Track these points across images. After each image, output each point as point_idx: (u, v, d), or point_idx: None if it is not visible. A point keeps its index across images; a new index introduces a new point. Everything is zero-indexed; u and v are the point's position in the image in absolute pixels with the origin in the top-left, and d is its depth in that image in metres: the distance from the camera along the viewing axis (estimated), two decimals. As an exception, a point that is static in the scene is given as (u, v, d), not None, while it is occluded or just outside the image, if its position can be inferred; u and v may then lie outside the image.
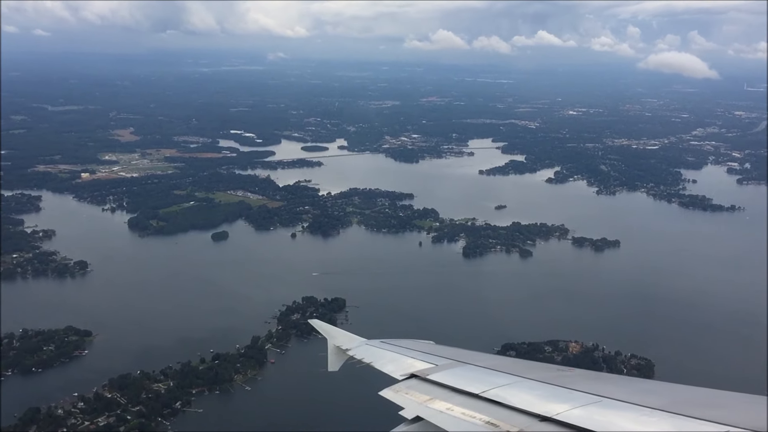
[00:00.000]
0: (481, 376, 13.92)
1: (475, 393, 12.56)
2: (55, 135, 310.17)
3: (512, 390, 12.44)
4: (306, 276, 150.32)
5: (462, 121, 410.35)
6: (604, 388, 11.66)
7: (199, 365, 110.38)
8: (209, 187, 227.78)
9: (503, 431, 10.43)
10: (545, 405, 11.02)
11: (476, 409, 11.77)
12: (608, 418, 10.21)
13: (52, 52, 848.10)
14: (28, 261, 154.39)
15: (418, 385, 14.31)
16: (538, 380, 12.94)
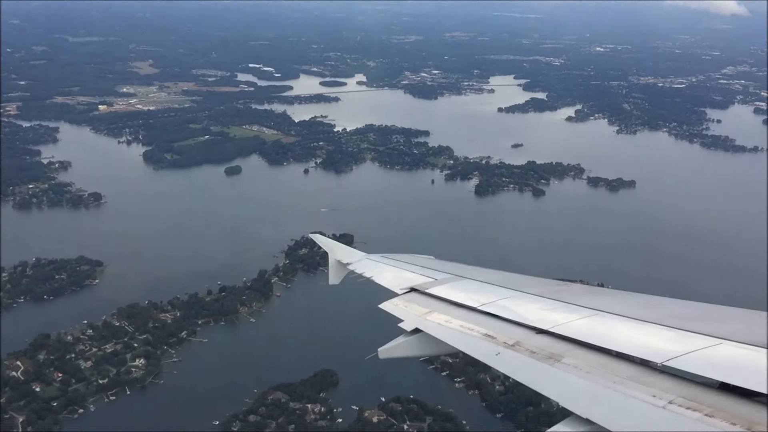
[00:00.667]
0: (480, 290, 13.95)
1: (474, 306, 12.57)
2: (74, 67, 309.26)
3: (510, 303, 12.46)
4: (316, 211, 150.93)
5: (485, 57, 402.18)
6: (602, 302, 11.64)
7: (206, 297, 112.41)
8: (225, 121, 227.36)
9: (501, 343, 10.48)
10: (542, 318, 11.06)
11: (474, 322, 11.79)
12: (604, 330, 10.21)
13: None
14: (44, 191, 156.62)
15: (417, 298, 14.34)
16: (537, 294, 12.91)
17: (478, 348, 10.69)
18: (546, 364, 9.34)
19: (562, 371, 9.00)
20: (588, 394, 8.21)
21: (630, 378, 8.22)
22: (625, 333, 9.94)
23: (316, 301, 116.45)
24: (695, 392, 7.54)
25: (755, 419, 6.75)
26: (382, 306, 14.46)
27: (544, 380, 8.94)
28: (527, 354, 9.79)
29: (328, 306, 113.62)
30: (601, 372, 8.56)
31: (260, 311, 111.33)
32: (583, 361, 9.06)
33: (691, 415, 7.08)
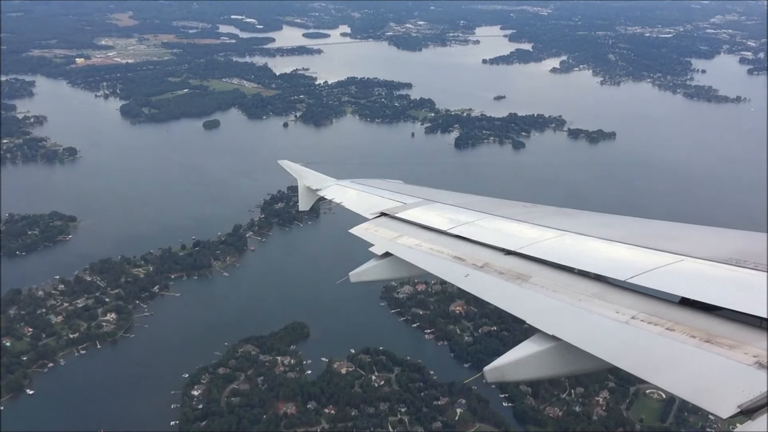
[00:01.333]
0: (449, 214, 14.04)
1: (443, 229, 12.68)
2: (51, 18, 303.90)
3: (479, 226, 12.59)
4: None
5: (472, 7, 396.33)
6: (568, 223, 11.79)
7: (180, 251, 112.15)
8: (205, 74, 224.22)
9: (470, 265, 10.61)
10: (510, 240, 11.17)
11: (444, 245, 11.90)
12: (570, 250, 10.34)
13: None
14: (18, 147, 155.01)
15: (387, 222, 14.43)
16: (505, 216, 13.05)
17: (448, 270, 10.85)
18: (514, 284, 9.49)
19: (529, 291, 9.15)
20: (554, 312, 8.37)
21: (595, 295, 8.40)
22: (590, 252, 10.11)
23: (290, 254, 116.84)
24: (657, 307, 7.72)
25: (714, 331, 6.92)
26: (352, 231, 14.54)
27: (512, 300, 9.12)
28: (496, 275, 9.96)
29: (301, 259, 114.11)
30: (567, 290, 8.75)
31: (234, 265, 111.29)
32: (549, 280, 9.25)
33: (652, 329, 7.27)
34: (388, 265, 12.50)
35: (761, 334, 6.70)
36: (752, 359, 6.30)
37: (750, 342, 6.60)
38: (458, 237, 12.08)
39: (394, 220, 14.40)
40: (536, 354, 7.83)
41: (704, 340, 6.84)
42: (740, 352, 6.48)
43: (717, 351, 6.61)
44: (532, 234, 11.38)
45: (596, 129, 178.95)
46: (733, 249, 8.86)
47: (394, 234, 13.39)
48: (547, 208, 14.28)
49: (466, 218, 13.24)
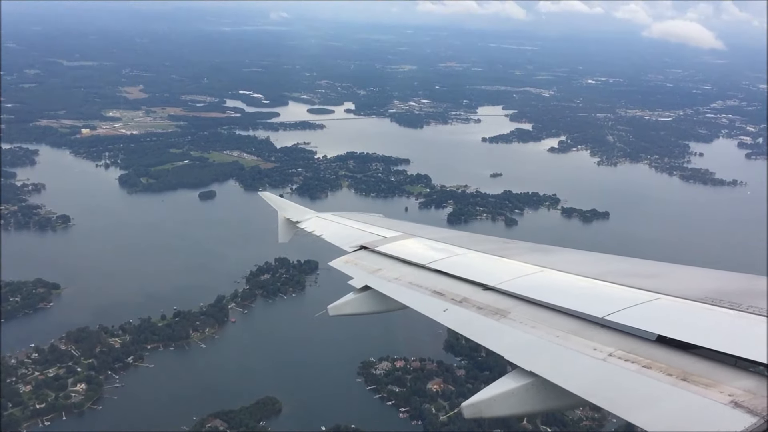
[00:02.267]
0: (429, 248, 14.34)
1: (423, 264, 12.87)
2: (63, 90, 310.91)
3: (458, 261, 12.77)
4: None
5: (476, 88, 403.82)
6: (546, 259, 11.99)
7: (159, 322, 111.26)
8: (206, 146, 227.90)
9: (449, 300, 10.75)
10: (489, 275, 11.35)
11: (423, 279, 12.07)
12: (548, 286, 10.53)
13: (77, 6, 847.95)
14: (13, 214, 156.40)
15: (367, 256, 14.64)
16: (484, 252, 13.29)
17: (427, 305, 10.97)
18: (492, 319, 9.63)
19: (507, 326, 9.27)
20: (532, 348, 8.45)
21: (572, 332, 8.51)
22: (567, 288, 10.29)
23: (270, 327, 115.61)
24: (634, 345, 7.83)
25: (690, 370, 7.00)
26: (332, 263, 14.74)
27: (490, 335, 9.24)
28: (474, 310, 10.11)
29: (281, 333, 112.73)
30: (545, 326, 8.85)
31: (212, 337, 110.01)
32: (528, 316, 9.36)
33: (629, 366, 7.36)
34: (367, 299, 12.55)
35: (737, 372, 6.81)
36: (728, 398, 6.34)
37: (726, 381, 6.66)
38: (438, 272, 12.25)
39: (373, 254, 14.59)
40: (514, 390, 7.80)
41: (681, 378, 6.90)
42: (716, 390, 6.53)
43: (693, 389, 6.66)
44: (511, 270, 11.56)
45: (590, 208, 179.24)
46: (709, 288, 9.05)
47: (374, 267, 13.53)
48: (526, 244, 14.40)
49: (445, 253, 13.46)
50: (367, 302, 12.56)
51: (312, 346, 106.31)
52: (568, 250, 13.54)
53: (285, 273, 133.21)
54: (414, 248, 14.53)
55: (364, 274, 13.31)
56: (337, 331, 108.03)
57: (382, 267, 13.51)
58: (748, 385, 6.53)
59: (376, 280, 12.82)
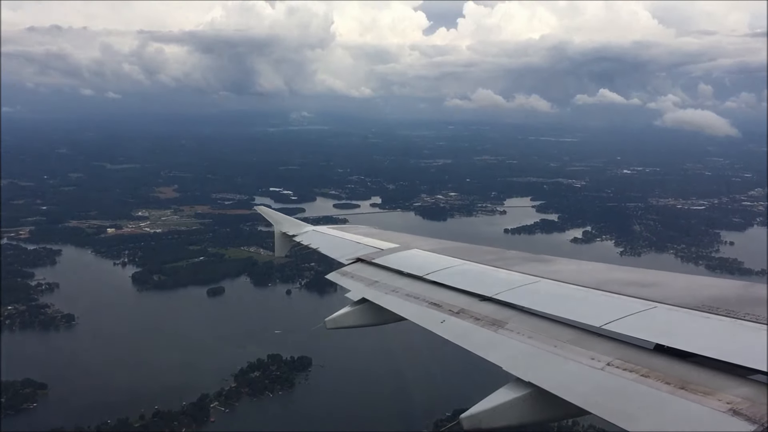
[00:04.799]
0: (426, 260, 14.53)
1: (420, 275, 13.05)
2: (99, 192, 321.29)
3: (455, 272, 12.87)
4: (282, 334, 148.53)
5: (507, 180, 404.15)
6: (544, 269, 12.16)
7: (137, 422, 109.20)
8: (225, 242, 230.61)
9: (446, 311, 10.83)
10: (486, 286, 11.45)
11: (420, 291, 12.23)
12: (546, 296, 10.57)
13: (129, 113, 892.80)
14: (20, 313, 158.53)
15: (363, 268, 15.08)
16: (481, 263, 13.47)
17: (424, 316, 11.10)
18: (490, 330, 9.67)
19: (505, 336, 9.30)
20: (530, 358, 8.45)
21: (570, 341, 8.52)
22: (565, 298, 10.31)
23: (250, 427, 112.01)
24: (632, 354, 7.86)
25: (688, 378, 6.98)
26: (329, 276, 15.59)
27: (488, 346, 9.21)
28: (472, 321, 10.17)
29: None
30: (543, 336, 8.89)
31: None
32: (525, 326, 9.41)
33: (627, 375, 7.37)
34: (364, 312, 12.94)
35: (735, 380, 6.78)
36: (726, 406, 6.34)
37: (724, 389, 6.63)
38: (435, 283, 12.42)
39: (370, 266, 15.00)
40: (512, 401, 7.75)
41: (679, 387, 6.86)
42: (714, 398, 6.51)
43: (692, 398, 6.63)
44: (508, 280, 11.68)
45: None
46: (707, 296, 9.13)
47: (371, 280, 13.94)
48: (524, 254, 14.62)
49: (443, 264, 13.59)
50: (365, 315, 12.95)
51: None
52: (565, 259, 13.75)
53: (276, 370, 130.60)
54: (411, 260, 14.64)
55: (361, 286, 13.72)
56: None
57: (379, 279, 13.75)
58: (747, 392, 6.51)
59: (373, 292, 13.08)
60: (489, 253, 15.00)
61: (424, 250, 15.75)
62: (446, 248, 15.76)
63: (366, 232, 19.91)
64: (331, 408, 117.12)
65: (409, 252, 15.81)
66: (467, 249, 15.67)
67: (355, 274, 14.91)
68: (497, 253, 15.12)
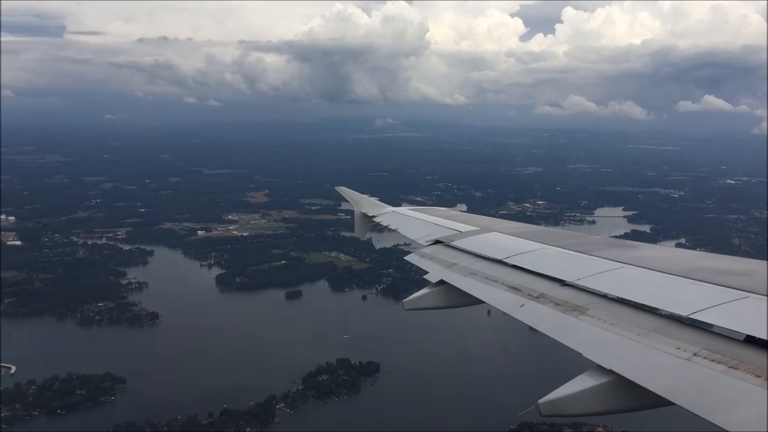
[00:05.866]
0: (505, 243, 14.44)
1: (499, 258, 13.02)
2: (193, 196, 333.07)
3: (535, 256, 12.82)
4: (353, 338, 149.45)
5: (599, 189, 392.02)
6: (628, 255, 11.90)
7: (205, 419, 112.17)
8: (307, 247, 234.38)
9: (525, 295, 10.77)
10: (567, 271, 11.30)
11: (499, 274, 12.17)
12: (630, 283, 10.36)
13: (228, 121, 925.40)
14: (109, 310, 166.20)
15: (442, 250, 14.95)
16: (562, 247, 13.33)
17: (503, 300, 11.01)
18: (570, 316, 9.53)
19: (586, 323, 9.16)
20: (612, 346, 8.33)
21: (655, 330, 8.34)
22: (650, 286, 10.08)
23: (309, 429, 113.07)
24: (720, 345, 7.63)
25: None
26: (408, 258, 15.58)
27: (568, 331, 9.14)
28: (551, 306, 10.05)
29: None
30: (626, 324, 8.70)
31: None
32: (607, 313, 9.22)
33: (715, 367, 7.15)
34: (442, 294, 12.76)
35: None
36: None
37: None
38: (514, 267, 12.32)
39: (449, 249, 14.87)
40: (592, 388, 7.66)
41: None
42: None
43: None
44: (591, 266, 11.51)
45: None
46: None
47: (450, 262, 13.80)
48: (607, 239, 14.56)
49: (522, 248, 13.53)
50: (442, 297, 12.71)
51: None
52: (651, 246, 13.55)
53: (344, 374, 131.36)
54: (490, 243, 14.52)
55: (440, 268, 13.52)
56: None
57: (458, 261, 13.60)
58: None
59: (451, 274, 12.95)
60: (571, 238, 14.54)
61: (504, 234, 15.46)
62: (526, 232, 15.43)
63: (445, 214, 19.63)
64: (393, 414, 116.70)
65: (488, 235, 15.55)
66: (548, 233, 15.67)
67: (434, 256, 14.65)
68: (579, 238, 14.65)
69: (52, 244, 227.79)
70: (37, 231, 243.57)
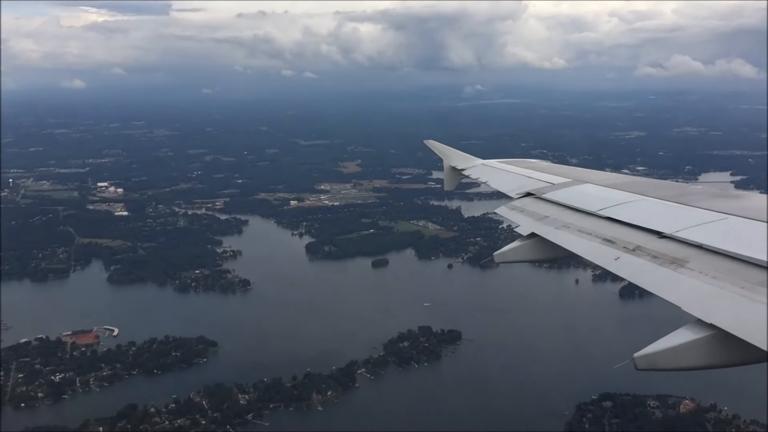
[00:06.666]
0: (599, 194, 14.34)
1: (592, 211, 12.91)
2: (289, 167, 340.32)
3: (631, 208, 12.61)
4: (436, 306, 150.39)
5: (706, 153, 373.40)
6: (731, 206, 11.49)
7: (288, 382, 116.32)
8: (396, 216, 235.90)
9: (620, 248, 10.65)
10: (665, 222, 11.03)
11: (593, 227, 12.08)
12: (733, 235, 10.06)
13: (325, 92, 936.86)
14: (205, 277, 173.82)
15: (533, 203, 15.03)
16: (660, 198, 13.09)
17: (597, 252, 10.96)
18: (669, 269, 9.29)
19: (685, 276, 8.91)
20: (714, 299, 8.06)
21: (760, 284, 7.97)
22: (756, 237, 9.67)
23: (394, 395, 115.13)
24: None
25: None
26: (498, 210, 15.77)
27: (666, 285, 8.93)
28: (648, 259, 9.83)
29: (402, 402, 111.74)
30: (729, 278, 8.37)
31: (332, 400, 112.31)
32: (709, 266, 8.91)
33: None
34: (534, 246, 12.78)
35: None
36: None
37: None
38: (608, 219, 12.10)
39: (540, 201, 14.87)
40: (692, 343, 7.49)
41: None
42: None
43: None
44: (690, 217, 11.10)
45: None
46: None
47: (541, 215, 13.79)
48: (710, 189, 14.13)
49: (616, 199, 13.28)
50: (534, 250, 12.75)
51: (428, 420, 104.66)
52: (757, 195, 13.01)
53: (425, 341, 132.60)
54: (583, 195, 14.36)
55: (531, 221, 13.54)
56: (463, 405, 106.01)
57: (550, 214, 13.54)
58: None
59: (543, 227, 12.88)
60: (669, 188, 14.08)
61: (598, 185, 15.05)
62: (622, 183, 14.96)
63: (536, 165, 19.31)
64: (472, 382, 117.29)
65: (581, 186, 15.20)
66: (645, 183, 14.86)
67: (525, 208, 14.40)
68: (679, 188, 14.19)
69: (156, 214, 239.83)
70: (142, 202, 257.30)
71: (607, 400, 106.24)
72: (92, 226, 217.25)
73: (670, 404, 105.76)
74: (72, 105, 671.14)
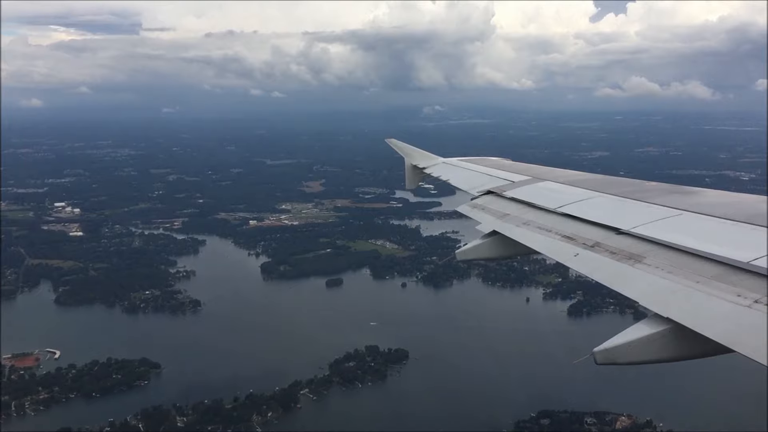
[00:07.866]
0: (559, 192, 14.53)
1: (552, 208, 13.03)
2: (252, 186, 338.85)
3: (589, 205, 12.82)
4: (385, 326, 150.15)
5: (665, 172, 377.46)
6: (685, 201, 11.83)
7: (229, 403, 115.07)
8: (354, 235, 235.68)
9: (580, 244, 10.76)
10: (622, 219, 11.23)
11: (552, 224, 12.18)
12: (687, 230, 10.24)
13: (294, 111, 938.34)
14: (155, 298, 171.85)
15: (494, 201, 15.19)
16: (617, 195, 13.30)
17: (557, 249, 11.05)
18: (626, 264, 9.47)
19: (642, 271, 9.08)
20: (670, 294, 8.20)
21: (714, 277, 8.14)
22: (709, 232, 9.97)
23: (331, 415, 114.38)
24: None
25: None
26: (459, 209, 15.86)
27: (624, 280, 9.21)
28: (607, 255, 10.01)
29: (342, 421, 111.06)
30: (684, 272, 8.55)
31: (272, 422, 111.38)
32: (665, 261, 9.06)
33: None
34: (495, 244, 12.85)
35: None
36: None
37: None
38: (567, 216, 12.26)
39: (501, 199, 15.03)
40: (649, 336, 7.60)
41: None
42: None
43: None
44: (647, 213, 11.34)
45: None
46: None
47: (502, 212, 13.94)
48: (664, 185, 14.22)
49: (576, 197, 13.47)
50: (495, 247, 12.79)
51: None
52: (711, 191, 13.08)
53: (372, 361, 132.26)
54: (543, 192, 14.51)
55: (492, 219, 13.66)
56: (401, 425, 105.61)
57: (510, 212, 13.67)
58: None
59: (504, 225, 12.97)
60: (627, 185, 14.26)
61: (557, 183, 15.24)
62: (580, 180, 15.18)
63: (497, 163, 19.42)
64: (415, 401, 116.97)
65: (541, 184, 15.34)
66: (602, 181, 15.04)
67: (486, 206, 14.57)
68: (635, 185, 14.31)
69: (111, 235, 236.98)
70: (99, 222, 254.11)
71: (546, 418, 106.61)
72: (44, 246, 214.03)
73: (607, 421, 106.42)
74: (36, 125, 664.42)
